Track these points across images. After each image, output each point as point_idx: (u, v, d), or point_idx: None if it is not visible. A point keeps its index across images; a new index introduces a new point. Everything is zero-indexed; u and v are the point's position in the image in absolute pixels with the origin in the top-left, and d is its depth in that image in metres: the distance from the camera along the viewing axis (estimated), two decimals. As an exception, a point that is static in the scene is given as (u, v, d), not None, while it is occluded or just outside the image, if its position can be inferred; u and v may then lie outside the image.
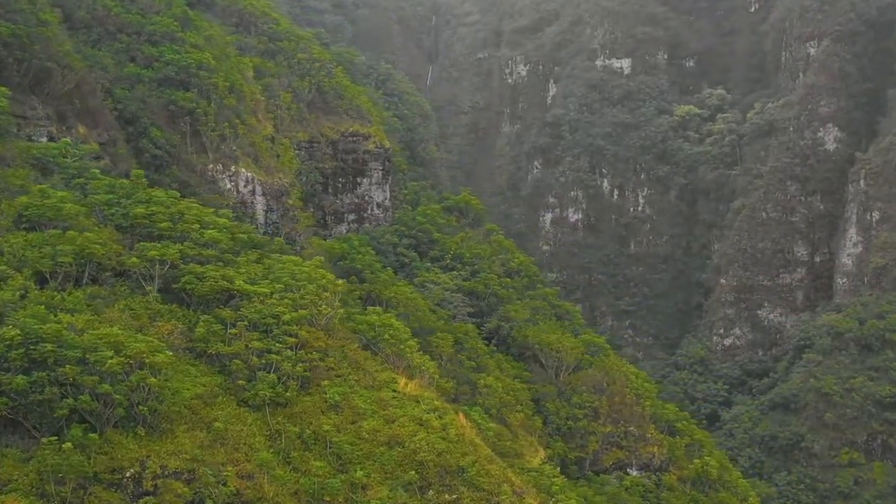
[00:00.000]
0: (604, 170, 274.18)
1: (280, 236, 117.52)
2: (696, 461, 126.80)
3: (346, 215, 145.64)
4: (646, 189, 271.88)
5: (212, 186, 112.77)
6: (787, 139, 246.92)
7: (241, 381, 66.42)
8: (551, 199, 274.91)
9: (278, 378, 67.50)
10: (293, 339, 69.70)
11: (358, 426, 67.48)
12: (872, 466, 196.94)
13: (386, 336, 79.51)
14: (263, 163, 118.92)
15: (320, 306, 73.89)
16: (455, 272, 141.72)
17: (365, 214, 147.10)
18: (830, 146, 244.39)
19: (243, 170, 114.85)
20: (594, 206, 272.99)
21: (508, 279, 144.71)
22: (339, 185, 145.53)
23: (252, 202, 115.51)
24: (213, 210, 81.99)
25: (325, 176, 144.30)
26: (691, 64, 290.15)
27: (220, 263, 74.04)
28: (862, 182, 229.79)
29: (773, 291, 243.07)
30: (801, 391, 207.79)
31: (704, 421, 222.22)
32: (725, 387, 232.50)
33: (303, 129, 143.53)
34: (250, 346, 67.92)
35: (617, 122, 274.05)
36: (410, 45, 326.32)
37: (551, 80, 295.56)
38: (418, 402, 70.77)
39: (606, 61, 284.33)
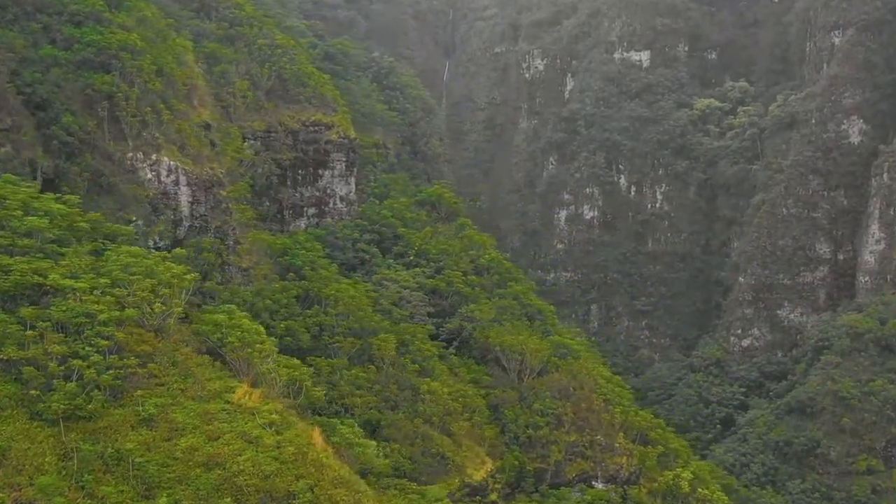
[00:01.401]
0: (620, 165, 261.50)
1: (209, 230, 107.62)
2: (667, 473, 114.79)
3: (305, 209, 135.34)
4: (664, 185, 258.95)
5: (130, 176, 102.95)
6: (808, 132, 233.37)
7: (34, 391, 55.72)
8: (566, 196, 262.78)
9: (82, 387, 56.76)
10: (107, 342, 58.77)
11: (172, 444, 56.94)
12: (891, 474, 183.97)
13: (231, 338, 68.29)
14: (191, 151, 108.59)
15: (154, 304, 62.86)
16: (419, 269, 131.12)
17: (326, 208, 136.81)
18: (855, 139, 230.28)
19: (166, 158, 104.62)
20: (610, 203, 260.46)
21: (475, 277, 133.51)
22: (299, 178, 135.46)
23: (175, 193, 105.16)
24: (55, 196, 71.32)
25: (283, 167, 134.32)
26: (713, 56, 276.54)
27: (41, 255, 63.35)
28: (885, 176, 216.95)
29: (793, 290, 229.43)
30: (817, 395, 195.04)
31: (719, 426, 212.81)
32: (742, 390, 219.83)
33: (259, 118, 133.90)
34: (50, 350, 57.11)
35: (634, 117, 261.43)
36: (427, 39, 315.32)
37: (569, 74, 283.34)
38: (254, 415, 59.51)
39: (624, 54, 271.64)
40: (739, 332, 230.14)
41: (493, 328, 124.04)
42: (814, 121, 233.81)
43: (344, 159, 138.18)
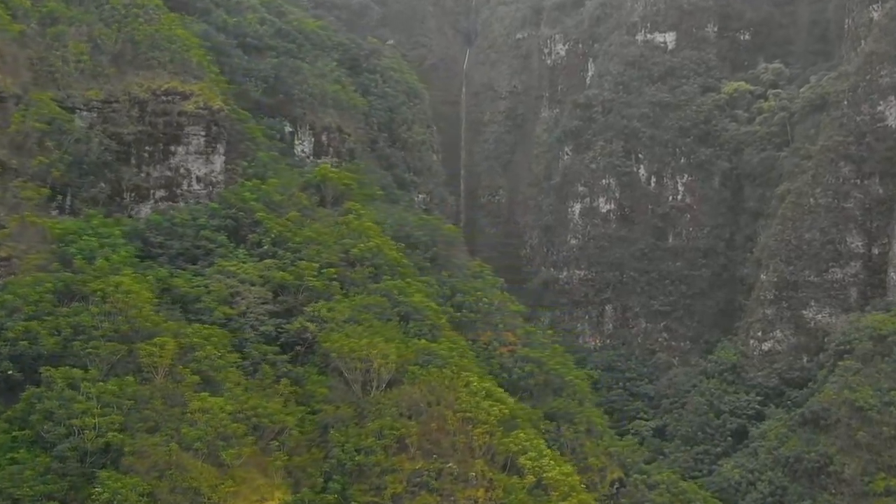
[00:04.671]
0: (640, 154, 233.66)
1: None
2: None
3: (152, 191, 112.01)
4: (686, 175, 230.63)
5: None
6: (840, 114, 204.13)
7: None
8: (580, 188, 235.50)
9: None
10: None
11: None
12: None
13: None
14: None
15: None
16: (272, 260, 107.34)
17: (180, 191, 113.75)
18: (892, 122, 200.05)
19: None
20: (628, 195, 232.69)
21: (334, 269, 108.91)
22: (145, 155, 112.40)
23: None
24: None
25: (126, 143, 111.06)
26: (746, 37, 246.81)
27: None
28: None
29: (821, 288, 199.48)
30: (832, 405, 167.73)
31: (730, 438, 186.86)
32: (759, 398, 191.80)
33: (98, 86, 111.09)
34: None
35: (655, 102, 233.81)
36: (446, 27, 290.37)
37: (590, 59, 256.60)
38: None
39: (648, 36, 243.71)
40: (759, 334, 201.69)
41: (343, 330, 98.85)
42: (846, 102, 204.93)
43: (203, 134, 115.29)
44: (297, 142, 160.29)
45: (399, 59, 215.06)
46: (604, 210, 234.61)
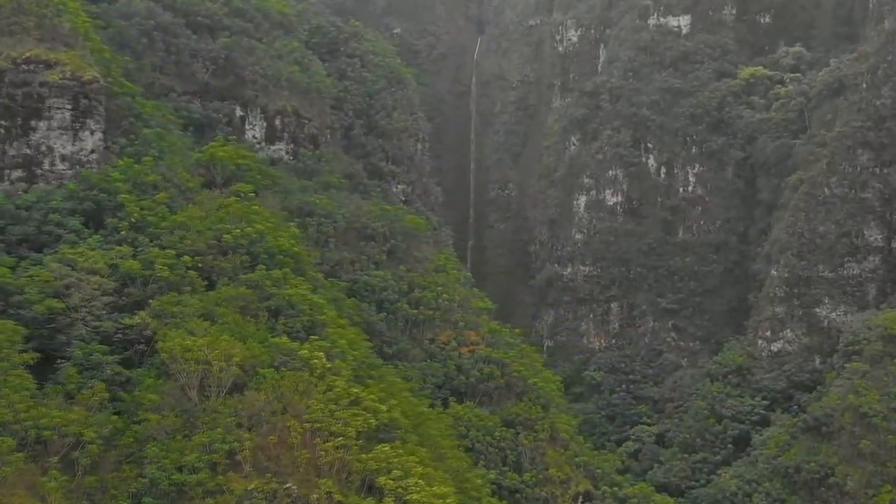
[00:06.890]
0: (649, 144, 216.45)
1: None
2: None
3: (7, 172, 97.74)
4: (697, 165, 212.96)
5: None
6: (858, 99, 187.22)
7: None
8: (586, 180, 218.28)
9: None
10: None
11: None
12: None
13: None
14: None
15: None
16: (127, 247, 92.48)
17: (40, 171, 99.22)
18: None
19: None
20: (636, 187, 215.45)
21: (192, 258, 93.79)
22: (1, 131, 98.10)
23: None
24: None
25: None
26: (766, 20, 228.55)
27: None
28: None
29: (835, 285, 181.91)
30: (836, 411, 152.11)
31: (731, 445, 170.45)
32: (765, 402, 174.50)
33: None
34: None
35: (665, 88, 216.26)
36: (456, 14, 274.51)
37: (602, 46, 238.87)
38: None
39: (661, 19, 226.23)
40: (768, 334, 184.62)
41: (187, 326, 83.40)
42: (865, 85, 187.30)
43: (69, 107, 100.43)
44: (247, 126, 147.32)
45: (383, 43, 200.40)
46: (610, 203, 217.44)
